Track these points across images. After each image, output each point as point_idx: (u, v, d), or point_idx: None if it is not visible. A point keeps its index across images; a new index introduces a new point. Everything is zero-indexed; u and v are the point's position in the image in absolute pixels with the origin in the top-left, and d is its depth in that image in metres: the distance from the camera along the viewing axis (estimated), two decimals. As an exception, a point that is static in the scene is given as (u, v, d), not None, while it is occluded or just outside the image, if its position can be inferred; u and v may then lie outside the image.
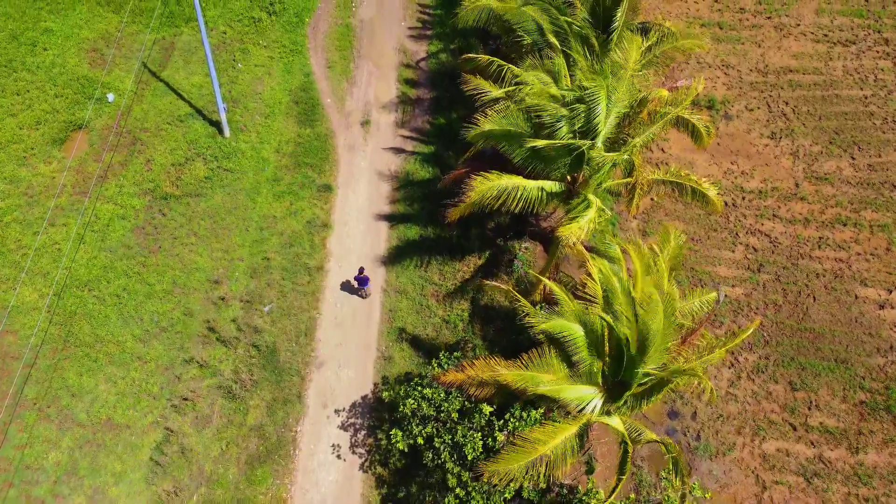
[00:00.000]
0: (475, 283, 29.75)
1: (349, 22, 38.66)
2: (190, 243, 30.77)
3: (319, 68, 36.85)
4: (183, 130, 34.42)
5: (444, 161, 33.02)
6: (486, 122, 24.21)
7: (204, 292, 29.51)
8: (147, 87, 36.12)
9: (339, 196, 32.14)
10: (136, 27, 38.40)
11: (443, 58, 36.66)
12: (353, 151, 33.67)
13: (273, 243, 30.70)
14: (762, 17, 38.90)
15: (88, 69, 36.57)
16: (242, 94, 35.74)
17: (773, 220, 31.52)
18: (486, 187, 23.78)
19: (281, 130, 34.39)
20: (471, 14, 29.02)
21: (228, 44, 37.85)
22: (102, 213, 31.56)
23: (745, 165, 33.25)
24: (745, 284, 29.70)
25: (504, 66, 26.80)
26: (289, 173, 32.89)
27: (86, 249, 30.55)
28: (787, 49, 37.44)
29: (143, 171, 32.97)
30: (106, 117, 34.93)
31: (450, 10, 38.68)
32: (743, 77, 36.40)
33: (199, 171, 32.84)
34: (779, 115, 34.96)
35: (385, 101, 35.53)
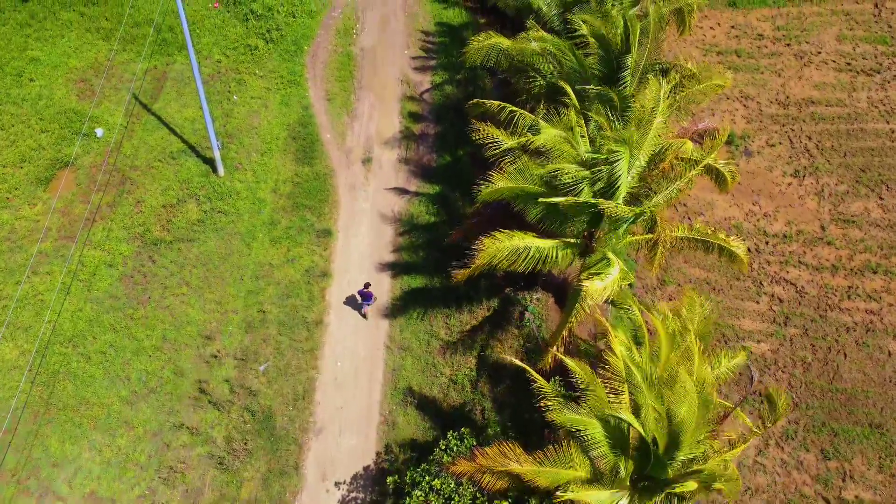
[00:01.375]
0: (483, 338, 27.43)
1: (350, 50, 36.28)
2: (181, 294, 28.45)
3: (318, 101, 34.48)
4: (175, 168, 32.08)
5: (451, 203, 30.70)
6: (498, 180, 21.90)
7: (195, 349, 27.21)
8: (138, 120, 33.77)
9: (339, 241, 29.81)
10: (126, 55, 36.04)
11: (448, 90, 34.29)
12: (353, 192, 31.33)
13: (269, 294, 28.38)
14: (781, 44, 36.52)
15: (76, 101, 34.23)
16: (238, 129, 33.38)
17: (798, 267, 29.19)
18: (497, 248, 21.51)
19: (278, 169, 32.05)
20: (479, 53, 26.81)
21: (223, 74, 35.47)
22: (89, 260, 29.24)
23: (768, 206, 30.91)
24: (772, 340, 27.39)
25: (516, 111, 24.51)
26: (286, 216, 30.55)
27: (71, 300, 28.24)
28: (808, 79, 35.06)
29: (132, 214, 30.64)
30: (94, 154, 32.60)
31: (454, 38, 36.37)
32: (763, 109, 34.04)
33: (191, 214, 30.50)
34: (802, 151, 32.61)
35: (387, 136, 33.18)
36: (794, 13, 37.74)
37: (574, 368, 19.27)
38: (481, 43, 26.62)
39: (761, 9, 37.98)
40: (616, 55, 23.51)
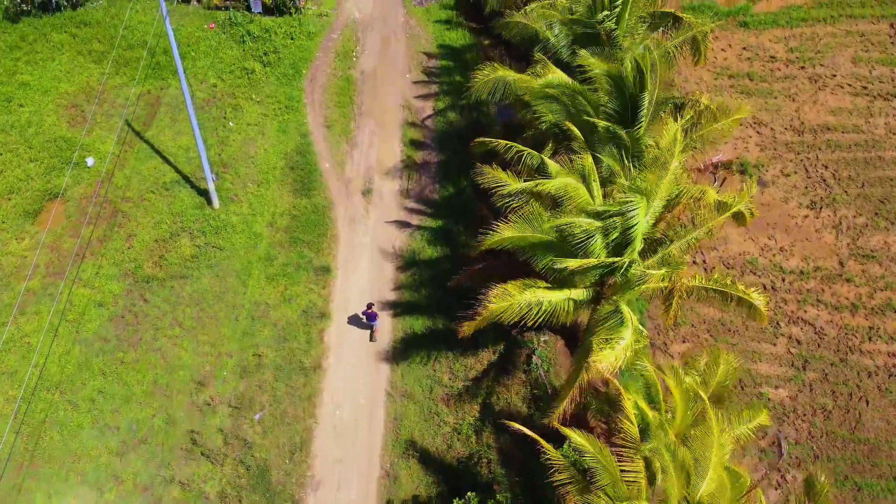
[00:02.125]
0: (488, 384, 25.98)
1: (349, 74, 34.75)
2: (174, 335, 26.99)
3: (317, 127, 32.97)
4: (168, 200, 30.59)
5: (454, 237, 29.21)
6: (504, 229, 20.47)
7: (188, 395, 25.76)
8: (130, 148, 32.28)
9: (338, 279, 28.33)
10: (119, 79, 34.54)
11: (451, 116, 32.77)
12: (353, 225, 29.84)
13: (265, 336, 26.91)
14: (795, 66, 34.96)
15: (67, 128, 32.75)
16: (233, 158, 31.89)
17: (816, 305, 27.71)
18: (505, 305, 20.03)
19: (275, 200, 30.56)
20: (484, 87, 25.32)
21: (219, 98, 33.96)
22: (78, 298, 27.78)
23: (784, 240, 29.40)
24: (790, 385, 25.93)
25: (524, 151, 23.03)
26: (283, 251, 29.07)
27: (58, 343, 26.80)
28: (823, 103, 33.51)
29: (123, 249, 29.17)
30: (85, 185, 31.12)
31: (457, 61, 34.85)
32: (777, 136, 32.50)
33: (184, 249, 29.02)
34: (818, 181, 31.09)
35: (388, 165, 31.67)
36: (807, 34, 36.16)
37: (583, 445, 17.76)
38: (486, 77, 25.12)
39: (774, 29, 36.41)
40: (629, 94, 21.95)
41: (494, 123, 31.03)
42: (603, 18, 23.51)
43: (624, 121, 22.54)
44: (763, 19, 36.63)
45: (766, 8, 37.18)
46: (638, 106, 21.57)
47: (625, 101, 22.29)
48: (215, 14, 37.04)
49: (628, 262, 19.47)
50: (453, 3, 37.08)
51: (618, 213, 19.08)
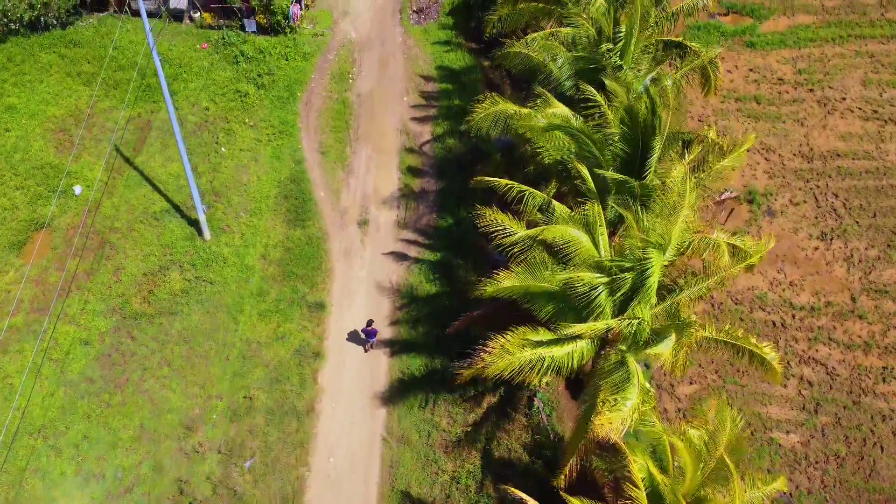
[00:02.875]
0: (489, 428, 24.74)
1: (346, 97, 33.45)
2: (162, 376, 25.76)
3: (312, 153, 31.69)
4: (158, 231, 29.33)
5: (453, 271, 27.96)
6: (505, 278, 19.24)
7: (176, 440, 24.53)
8: (119, 176, 31.00)
9: (332, 316, 27.08)
10: (109, 102, 33.25)
11: (450, 143, 31.48)
12: (349, 258, 28.57)
13: (257, 377, 25.66)
14: (803, 89, 33.67)
15: (54, 154, 31.46)
16: (225, 186, 30.61)
17: (828, 344, 26.47)
18: (504, 364, 18.75)
19: (268, 231, 29.29)
20: (484, 121, 24.00)
21: (211, 123, 32.67)
22: (63, 336, 26.53)
23: (794, 274, 28.15)
24: (802, 430, 24.71)
25: (526, 191, 21.77)
26: (276, 286, 27.80)
27: (42, 384, 25.56)
28: (833, 128, 32.24)
29: (110, 283, 27.91)
30: (71, 214, 29.85)
31: (456, 83, 33.55)
32: (786, 163, 31.23)
33: (174, 284, 27.75)
34: (828, 211, 29.83)
35: (385, 194, 30.39)
36: (815, 54, 34.87)
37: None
38: (486, 110, 23.85)
39: (781, 50, 35.12)
40: (637, 135, 20.67)
41: (494, 150, 29.73)
42: (606, 52, 22.21)
43: (631, 161, 21.28)
44: (770, 39, 35.36)
45: (773, 27, 35.90)
46: (647, 150, 20.30)
47: (632, 141, 21.03)
48: (208, 33, 35.76)
49: (638, 322, 18.17)
50: (452, 23, 35.77)
51: (629, 269, 17.80)
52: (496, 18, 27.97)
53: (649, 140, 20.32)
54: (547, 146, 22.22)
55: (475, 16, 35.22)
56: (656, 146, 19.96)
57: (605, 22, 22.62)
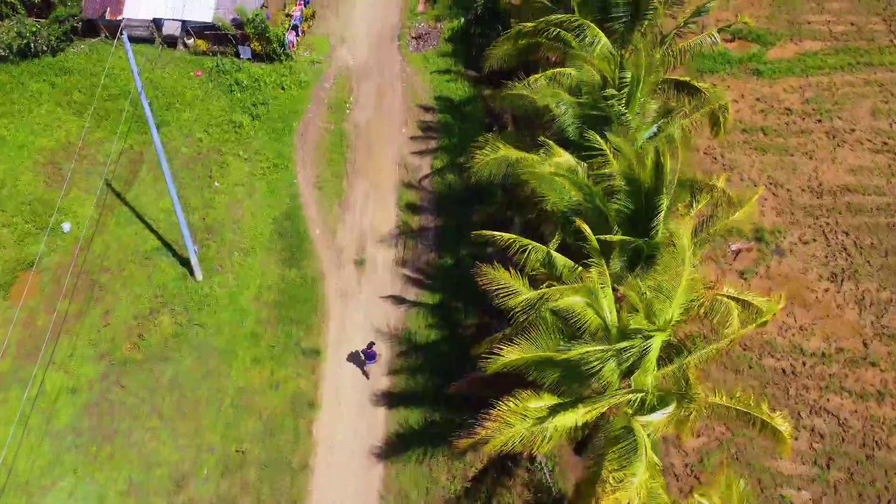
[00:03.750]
0: (489, 483, 23.62)
1: (342, 128, 32.28)
2: (151, 427, 24.66)
3: (307, 188, 30.53)
4: (149, 271, 28.19)
5: (453, 315, 26.86)
6: (509, 352, 18.06)
7: (166, 496, 23.46)
8: (110, 212, 29.85)
9: (328, 363, 25.97)
10: (100, 133, 32.11)
11: (449, 178, 30.31)
12: (345, 300, 27.43)
13: (249, 428, 24.56)
14: (811, 119, 32.48)
15: (44, 189, 30.33)
16: (219, 223, 29.46)
17: (840, 393, 25.35)
18: (505, 438, 17.65)
19: (262, 271, 28.15)
20: (486, 167, 22.81)
21: (205, 155, 31.51)
22: (50, 384, 25.45)
23: (804, 318, 27.02)
24: (814, 486, 23.60)
25: (528, 245, 20.63)
26: (270, 330, 26.68)
27: (28, 435, 24.40)
28: (842, 161, 31.09)
29: (100, 326, 26.81)
30: (61, 253, 28.72)
31: (455, 114, 32.37)
32: (794, 199, 30.08)
33: (165, 328, 26.63)
34: (839, 250, 28.68)
35: (383, 231, 29.23)
36: (823, 83, 33.69)
37: None
38: (487, 156, 22.67)
39: (788, 78, 33.93)
40: (644, 192, 19.54)
41: (495, 188, 28.52)
42: (612, 101, 21.04)
43: (637, 215, 20.15)
44: (777, 67, 34.18)
45: (780, 54, 34.73)
46: (652, 206, 19.17)
47: (638, 196, 19.90)
48: (202, 60, 34.60)
49: (642, 395, 17.06)
50: (451, 50, 34.59)
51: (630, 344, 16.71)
52: (497, 54, 26.77)
53: (655, 198, 19.16)
54: (551, 196, 21.06)
55: (475, 43, 34.04)
56: (662, 206, 18.81)
57: (609, 69, 21.45)
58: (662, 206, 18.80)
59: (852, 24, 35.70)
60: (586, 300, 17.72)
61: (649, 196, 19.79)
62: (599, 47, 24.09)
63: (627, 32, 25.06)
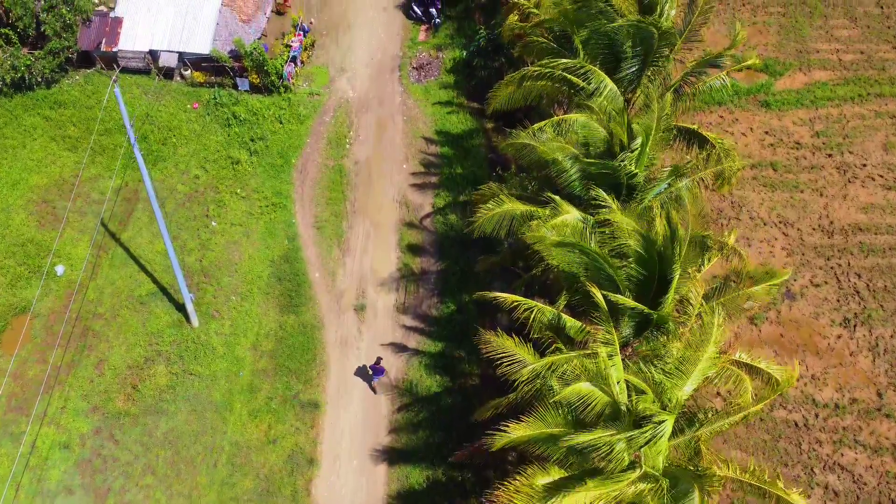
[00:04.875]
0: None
1: (342, 164, 31.14)
2: (145, 485, 23.65)
3: (306, 228, 29.42)
4: (143, 317, 27.11)
5: (455, 366, 25.77)
6: (514, 430, 17.02)
7: (160, 561, 22.36)
8: (104, 253, 28.77)
9: (328, 416, 24.91)
10: (95, 170, 30.99)
11: (451, 219, 29.17)
12: (345, 349, 26.35)
13: (246, 487, 23.54)
14: (822, 154, 31.30)
15: (36, 229, 29.26)
16: (215, 265, 28.36)
17: (854, 448, 24.25)
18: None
19: (259, 318, 27.06)
20: (489, 222, 21.70)
21: (201, 193, 30.40)
22: (41, 439, 24.36)
23: (816, 366, 25.91)
24: (829, 550, 22.46)
25: (534, 307, 19.53)
26: (268, 381, 25.61)
27: (19, 494, 23.37)
28: (854, 199, 29.91)
29: (93, 377, 25.77)
30: (53, 297, 27.65)
31: (457, 149, 31.23)
32: (804, 239, 28.93)
33: (160, 378, 25.57)
34: (851, 294, 27.54)
35: (384, 274, 28.12)
36: (833, 115, 32.48)
37: None
38: (491, 211, 21.56)
39: (797, 110, 32.71)
40: (655, 259, 18.43)
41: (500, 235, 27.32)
42: (621, 163, 19.93)
43: (648, 282, 19.05)
44: (786, 98, 32.95)
45: (788, 85, 33.51)
46: (664, 273, 18.06)
47: (649, 262, 18.79)
48: (199, 92, 33.44)
49: (656, 484, 15.99)
50: (453, 81, 33.39)
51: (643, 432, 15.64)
52: (501, 95, 25.58)
53: (666, 267, 18.06)
54: (558, 258, 19.95)
55: (477, 75, 32.90)
56: (674, 277, 17.71)
57: (618, 129, 20.32)
58: (674, 278, 17.69)
59: (862, 53, 34.45)
60: (596, 385, 16.63)
61: (660, 261, 18.68)
62: (606, 92, 22.97)
63: (635, 76, 23.89)
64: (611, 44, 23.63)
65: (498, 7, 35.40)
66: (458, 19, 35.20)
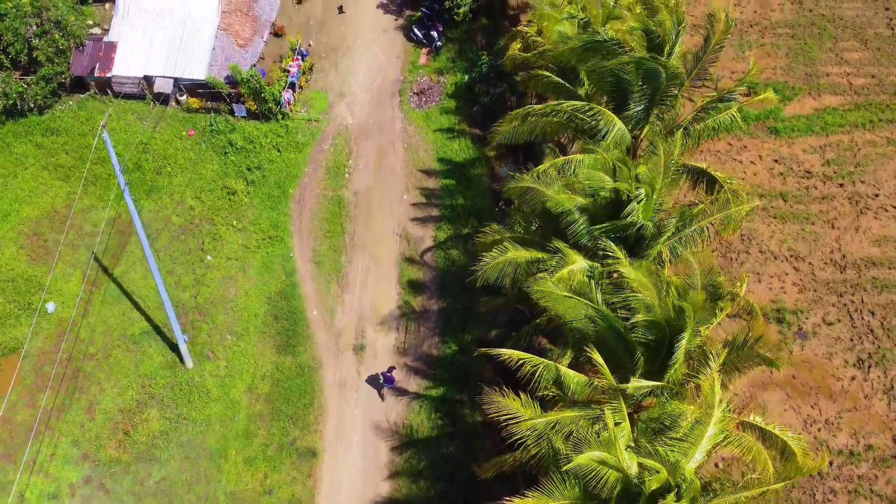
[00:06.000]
0: None
1: (341, 195, 29.94)
2: (137, 538, 22.42)
3: (304, 262, 28.24)
4: (136, 357, 25.99)
5: (457, 411, 24.62)
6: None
7: None
8: (97, 289, 27.62)
9: (325, 464, 23.80)
10: (87, 200, 29.80)
11: (453, 254, 28.00)
12: (343, 392, 25.22)
13: (241, 542, 22.33)
14: (833, 183, 30.09)
15: (27, 264, 28.09)
16: (210, 302, 27.20)
17: (870, 497, 23.13)
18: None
19: (255, 358, 25.92)
20: (493, 270, 20.52)
21: (196, 225, 29.22)
22: (31, 489, 23.21)
23: (829, 410, 24.75)
24: None
25: (539, 364, 18.41)
26: (264, 426, 24.48)
27: (6, 549, 22.26)
28: (866, 231, 28.72)
29: (84, 422, 24.66)
30: (44, 336, 26.51)
31: (459, 178, 30.05)
32: (816, 273, 27.73)
33: (153, 423, 24.45)
34: (865, 332, 26.36)
35: (384, 312, 26.96)
36: (844, 142, 31.25)
37: None
38: (495, 259, 20.39)
39: (807, 137, 31.48)
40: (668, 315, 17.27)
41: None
42: (628, 218, 18.76)
43: (658, 346, 17.89)
44: (795, 125, 31.72)
45: (797, 110, 32.26)
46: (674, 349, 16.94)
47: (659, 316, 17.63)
48: (195, 118, 32.22)
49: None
50: (455, 106, 32.18)
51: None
52: (504, 131, 24.40)
53: (677, 331, 16.93)
54: (565, 313, 18.77)
55: (479, 101, 31.69)
56: (682, 344, 16.58)
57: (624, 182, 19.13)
58: (681, 348, 16.57)
59: (873, 77, 33.22)
60: (603, 458, 15.50)
61: (670, 318, 17.53)
62: (614, 132, 21.80)
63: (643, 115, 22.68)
64: (618, 80, 22.44)
65: (500, 28, 34.21)
66: (459, 42, 33.95)
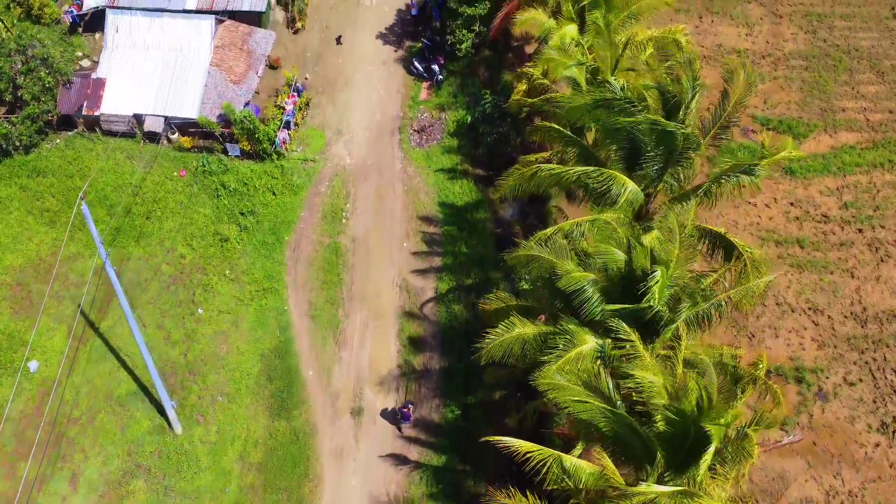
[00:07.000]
0: None
1: (338, 242, 28.24)
2: None
3: (300, 317, 26.58)
4: (122, 421, 24.37)
5: (460, 482, 22.93)
6: None
7: None
8: (82, 346, 26.00)
9: (321, 544, 22.08)
10: (74, 247, 28.15)
11: (455, 308, 26.32)
12: (340, 461, 23.58)
13: None
14: (851, 228, 28.38)
15: (10, 318, 26.49)
16: (201, 359, 25.56)
17: (898, 579, 21.39)
18: None
19: (248, 423, 24.29)
20: (499, 348, 19.00)
21: (187, 274, 27.55)
22: (9, 569, 21.61)
23: (853, 480, 23.10)
24: None
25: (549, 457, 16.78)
26: (256, 501, 22.82)
27: None
28: (888, 280, 27.04)
29: (66, 493, 23.09)
30: (26, 398, 24.90)
31: (461, 224, 28.34)
32: (836, 328, 26.05)
33: (139, 496, 22.87)
34: (888, 393, 24.73)
35: (383, 371, 25.32)
36: (862, 183, 29.54)
37: None
38: (501, 336, 18.76)
39: (824, 177, 29.77)
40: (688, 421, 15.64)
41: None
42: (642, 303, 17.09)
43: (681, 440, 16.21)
44: (811, 165, 30.00)
45: (813, 148, 30.53)
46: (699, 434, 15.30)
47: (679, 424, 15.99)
48: (187, 157, 30.54)
49: None
50: (456, 145, 30.46)
51: None
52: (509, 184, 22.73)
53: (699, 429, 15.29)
54: (573, 407, 17.13)
55: (483, 141, 29.97)
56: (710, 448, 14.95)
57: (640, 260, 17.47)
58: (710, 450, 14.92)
59: (891, 112, 31.50)
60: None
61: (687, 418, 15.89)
62: (626, 194, 20.13)
63: (657, 175, 20.98)
64: (630, 136, 20.74)
65: (503, 61, 32.50)
66: (461, 75, 32.20)
